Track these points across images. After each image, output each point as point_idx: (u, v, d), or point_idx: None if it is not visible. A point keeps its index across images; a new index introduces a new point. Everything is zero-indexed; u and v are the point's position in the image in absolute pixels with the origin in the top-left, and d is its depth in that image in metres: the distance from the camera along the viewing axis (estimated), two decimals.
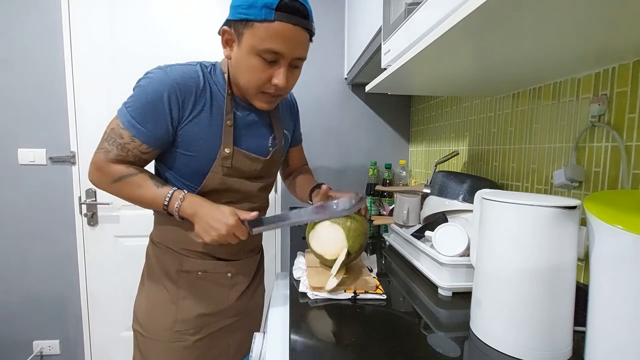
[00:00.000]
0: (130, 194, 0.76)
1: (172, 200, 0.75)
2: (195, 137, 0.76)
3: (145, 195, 0.76)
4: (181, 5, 1.62)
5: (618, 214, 0.46)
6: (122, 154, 0.74)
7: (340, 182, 1.75)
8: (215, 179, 0.80)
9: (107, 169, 0.74)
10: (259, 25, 0.67)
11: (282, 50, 0.70)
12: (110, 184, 0.76)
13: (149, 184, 0.76)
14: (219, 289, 0.87)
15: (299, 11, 0.69)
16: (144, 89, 0.73)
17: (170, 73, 0.73)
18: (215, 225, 0.72)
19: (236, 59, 0.74)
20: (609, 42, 0.56)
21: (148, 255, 0.90)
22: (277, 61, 0.72)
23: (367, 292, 0.76)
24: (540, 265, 0.52)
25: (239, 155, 0.80)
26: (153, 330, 0.84)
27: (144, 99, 0.72)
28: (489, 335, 0.57)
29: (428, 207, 0.97)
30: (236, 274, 0.89)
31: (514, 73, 0.78)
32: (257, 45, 0.69)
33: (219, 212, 0.73)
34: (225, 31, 0.74)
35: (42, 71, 1.57)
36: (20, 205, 1.61)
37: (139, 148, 0.74)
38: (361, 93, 1.73)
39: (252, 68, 0.72)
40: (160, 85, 0.72)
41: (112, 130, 0.74)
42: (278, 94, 0.77)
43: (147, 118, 0.72)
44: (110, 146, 0.74)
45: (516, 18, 0.45)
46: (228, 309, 0.89)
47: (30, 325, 1.68)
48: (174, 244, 0.85)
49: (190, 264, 0.84)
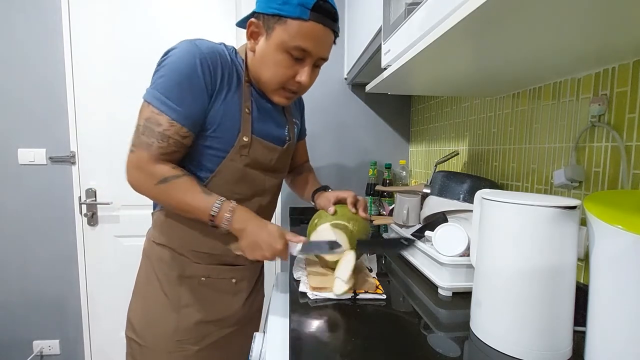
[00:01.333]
0: (174, 198, 0.71)
1: (221, 211, 0.70)
2: (220, 117, 0.73)
3: (192, 201, 0.70)
4: (181, 5, 1.62)
5: (618, 214, 0.46)
6: (163, 144, 0.68)
7: (340, 182, 1.75)
8: (231, 167, 0.77)
9: (151, 168, 0.69)
10: (292, 22, 0.68)
11: (311, 49, 0.71)
12: (155, 186, 0.70)
13: (196, 189, 0.71)
14: (223, 296, 0.84)
15: (331, 14, 0.71)
16: (174, 65, 0.68)
17: (199, 45, 0.70)
18: (263, 246, 0.70)
19: (262, 53, 0.73)
20: (609, 42, 0.56)
21: (147, 258, 0.85)
22: (303, 59, 0.73)
23: (367, 292, 0.76)
24: (540, 265, 0.52)
25: (257, 144, 0.78)
26: (151, 339, 0.80)
27: (177, 76, 0.67)
28: (489, 335, 0.57)
29: (428, 207, 0.97)
30: (240, 280, 0.86)
31: (514, 73, 0.78)
32: (288, 42, 0.69)
33: (268, 234, 0.71)
34: (252, 23, 0.73)
35: (42, 71, 1.57)
36: (20, 205, 1.62)
37: (179, 132, 0.69)
38: (361, 93, 1.73)
39: (278, 63, 0.72)
40: (193, 58, 0.68)
41: (147, 120, 0.68)
42: (297, 92, 0.78)
43: (184, 96, 0.68)
44: (150, 139, 0.68)
45: (516, 18, 0.45)
46: (230, 317, 0.86)
47: (30, 325, 1.68)
48: (178, 245, 0.80)
49: (193, 269, 0.81)
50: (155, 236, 0.83)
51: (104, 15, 1.57)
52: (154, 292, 0.82)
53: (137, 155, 0.69)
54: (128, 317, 0.85)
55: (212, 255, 0.81)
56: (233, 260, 0.84)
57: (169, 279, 0.81)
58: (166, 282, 0.81)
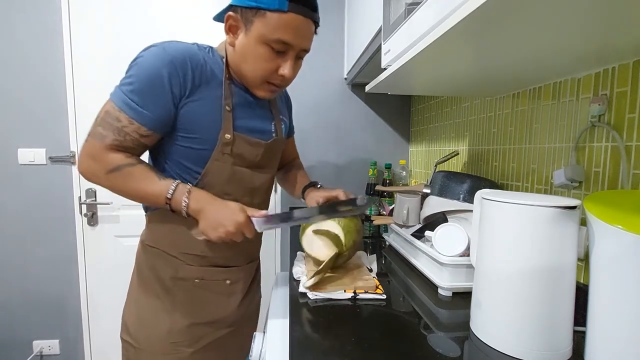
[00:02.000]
0: (127, 187, 0.70)
1: (176, 194, 0.70)
2: (196, 117, 0.72)
3: (146, 188, 0.70)
4: (181, 6, 1.62)
5: (618, 214, 0.46)
6: (119, 138, 0.67)
7: (340, 182, 1.75)
8: (218, 167, 0.76)
9: (103, 157, 0.68)
10: (272, 15, 0.66)
11: (292, 41, 0.70)
12: (106, 175, 0.69)
13: (150, 175, 0.70)
14: (217, 298, 0.83)
15: (310, 3, 0.69)
16: (141, 67, 0.68)
17: (167, 49, 0.69)
18: (223, 222, 0.69)
19: (242, 47, 0.72)
20: (609, 42, 0.56)
21: (139, 259, 0.84)
22: (285, 52, 0.71)
23: (367, 292, 0.76)
24: (540, 265, 0.52)
25: (239, 141, 0.77)
26: (145, 341, 0.79)
27: (142, 78, 0.67)
28: (489, 335, 0.57)
29: (428, 207, 0.97)
30: (235, 281, 0.85)
31: (514, 73, 0.78)
32: (268, 35, 0.68)
33: (227, 209, 0.71)
34: (230, 17, 0.71)
35: (42, 71, 1.57)
36: (20, 205, 1.61)
37: (138, 131, 0.68)
38: (361, 93, 1.73)
39: (259, 57, 0.71)
40: (159, 62, 0.67)
41: (106, 113, 0.68)
42: (281, 85, 0.77)
43: (147, 98, 0.67)
44: (106, 131, 0.67)
45: (516, 18, 0.45)
46: (225, 319, 0.85)
47: (30, 325, 1.68)
48: (169, 247, 0.79)
49: (186, 271, 0.79)
50: (148, 238, 0.83)
51: (104, 15, 1.57)
52: (147, 294, 0.81)
53: (90, 144, 0.68)
54: (123, 320, 0.85)
55: (204, 257, 0.81)
56: (227, 261, 0.84)
57: (162, 281, 0.80)
58: (159, 284, 0.80)
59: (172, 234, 0.79)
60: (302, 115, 1.70)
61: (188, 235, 0.78)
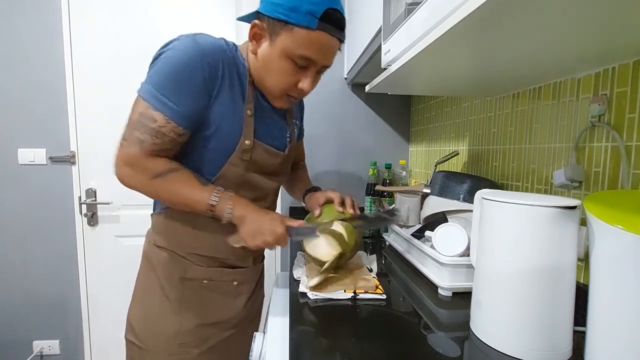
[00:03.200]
0: (170, 193, 0.69)
1: (221, 200, 0.69)
2: (217, 116, 0.70)
3: (189, 194, 0.68)
4: (181, 6, 1.62)
5: (618, 214, 0.46)
6: (157, 141, 0.65)
7: (340, 182, 1.75)
8: (232, 172, 0.75)
9: (144, 163, 0.66)
10: (299, 31, 0.65)
11: (316, 58, 0.69)
12: (149, 182, 0.67)
13: (193, 181, 0.69)
14: (224, 298, 0.83)
15: (340, 22, 0.68)
16: (172, 61, 0.65)
17: (200, 41, 0.67)
18: (264, 232, 0.69)
19: (265, 57, 0.71)
20: (609, 42, 0.56)
21: (147, 260, 0.83)
22: (307, 67, 0.71)
23: (367, 292, 0.76)
24: (540, 265, 0.52)
25: (259, 149, 0.76)
26: (152, 342, 0.79)
27: (174, 73, 0.64)
28: (489, 335, 0.57)
29: (428, 207, 0.97)
30: (242, 282, 0.85)
31: (514, 73, 0.78)
32: (293, 50, 0.67)
33: (269, 220, 0.70)
34: (256, 25, 0.69)
35: (42, 71, 1.57)
36: (20, 205, 1.62)
37: (175, 130, 0.66)
38: (361, 93, 1.73)
39: (282, 71, 0.70)
40: (193, 54, 0.65)
41: (140, 115, 0.65)
42: (299, 97, 0.77)
43: (182, 93, 0.65)
44: (143, 134, 0.65)
45: (516, 18, 0.45)
46: (231, 319, 0.85)
47: (30, 325, 1.68)
48: (178, 247, 0.79)
49: (195, 272, 0.79)
50: (156, 239, 0.82)
51: (104, 15, 1.57)
52: (155, 294, 0.80)
53: (128, 150, 0.66)
54: (128, 320, 0.84)
55: (213, 258, 0.81)
56: (235, 262, 0.84)
57: (170, 282, 0.80)
58: (168, 284, 0.80)
59: (181, 234, 0.79)
60: None
61: (196, 236, 0.78)
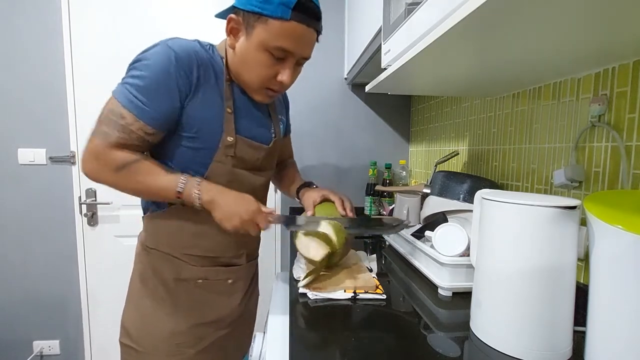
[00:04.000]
0: (136, 183, 0.69)
1: (187, 187, 0.69)
2: (198, 117, 0.72)
3: (155, 182, 0.69)
4: (181, 6, 1.62)
5: (618, 214, 0.46)
6: (124, 136, 0.66)
7: (340, 182, 1.75)
8: (220, 169, 0.75)
9: (108, 155, 0.67)
10: (274, 22, 0.66)
11: (293, 49, 0.69)
12: (113, 174, 0.68)
13: (158, 169, 0.69)
14: (218, 297, 0.83)
15: (314, 12, 0.69)
16: (146, 64, 0.67)
17: (172, 46, 0.68)
18: (238, 210, 0.70)
19: (242, 52, 0.71)
20: (609, 42, 0.56)
21: (140, 262, 0.83)
22: (284, 59, 0.71)
23: (367, 292, 0.76)
24: (540, 265, 0.52)
25: (242, 144, 0.77)
26: (149, 344, 0.79)
27: (148, 75, 0.66)
28: (489, 335, 0.57)
29: (428, 207, 0.97)
30: (236, 280, 0.85)
31: (514, 73, 0.78)
32: (269, 42, 0.68)
33: (240, 198, 0.72)
34: (232, 19, 0.70)
35: (42, 71, 1.57)
36: (20, 205, 1.62)
37: (143, 129, 0.67)
38: (361, 93, 1.73)
39: (259, 63, 0.71)
40: (165, 59, 0.67)
41: (110, 111, 0.66)
42: (280, 90, 0.77)
43: (153, 96, 0.66)
44: (110, 129, 0.66)
45: (516, 18, 0.45)
46: (226, 318, 0.85)
47: (30, 325, 1.68)
48: (171, 248, 0.79)
49: (189, 272, 0.79)
50: (148, 240, 0.82)
51: (104, 15, 1.58)
52: (149, 296, 0.80)
53: (95, 142, 0.67)
54: (122, 324, 0.84)
55: (207, 257, 0.81)
56: (229, 260, 0.84)
57: (164, 283, 0.80)
58: (162, 285, 0.80)
59: (173, 235, 0.79)
60: (302, 115, 1.70)
61: (189, 237, 0.79)
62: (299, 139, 1.67)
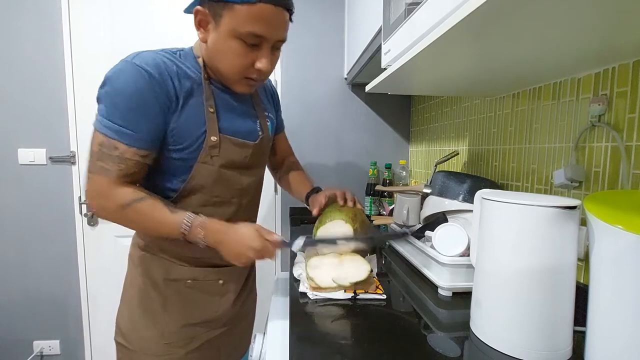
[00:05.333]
0: (140, 222, 0.69)
1: (192, 228, 0.69)
2: (183, 127, 0.70)
3: (159, 223, 0.69)
4: (181, 6, 1.62)
5: (618, 214, 0.46)
6: (122, 166, 0.66)
7: (340, 182, 1.75)
8: (205, 170, 0.74)
9: (112, 193, 0.66)
10: (240, 8, 0.63)
11: (265, 34, 0.66)
12: (117, 211, 0.67)
13: (162, 209, 0.69)
14: (209, 298, 0.83)
15: None
16: (119, 92, 0.65)
17: (140, 63, 0.66)
18: (243, 251, 0.69)
19: (214, 43, 0.68)
20: (609, 42, 0.56)
21: (132, 262, 0.83)
22: (259, 44, 0.68)
23: (367, 292, 0.76)
24: (540, 265, 0.52)
25: (226, 143, 0.75)
26: (139, 343, 0.79)
27: (124, 102, 0.64)
28: (489, 335, 0.57)
29: (428, 207, 0.97)
30: (227, 281, 0.84)
31: (514, 73, 0.78)
32: (239, 29, 0.64)
33: (243, 237, 0.70)
34: (198, 11, 0.67)
35: (42, 71, 1.57)
36: (20, 205, 1.62)
37: (138, 153, 0.67)
38: (361, 93, 1.73)
39: (233, 52, 0.68)
40: (138, 80, 0.65)
41: (100, 145, 0.65)
42: (260, 79, 0.74)
43: (135, 120, 0.65)
44: (107, 163, 0.65)
45: (516, 18, 0.45)
46: (218, 319, 0.84)
47: (30, 325, 1.68)
48: (162, 249, 0.79)
49: (179, 272, 0.79)
50: (139, 241, 0.82)
51: (104, 15, 1.57)
52: (140, 296, 0.81)
53: (96, 181, 0.66)
54: (116, 322, 0.84)
55: (197, 258, 0.80)
56: (219, 261, 0.82)
57: (154, 283, 0.80)
58: (152, 285, 0.80)
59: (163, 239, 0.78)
60: (302, 115, 1.70)
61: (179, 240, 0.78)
62: (298, 138, 1.67)
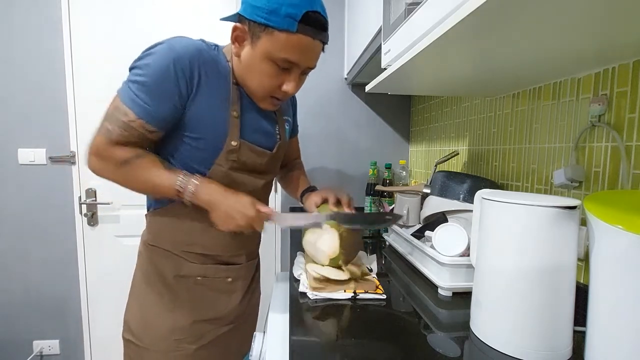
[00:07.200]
0: (138, 179, 0.71)
1: (187, 185, 0.70)
2: (201, 117, 0.72)
3: (156, 178, 0.70)
4: (182, 5, 1.62)
5: (618, 214, 0.46)
6: (125, 133, 0.68)
7: (340, 182, 1.75)
8: (219, 172, 0.76)
9: (110, 152, 0.68)
10: (280, 34, 0.66)
11: (298, 61, 0.70)
12: (116, 169, 0.69)
13: (159, 165, 0.71)
14: (218, 295, 0.84)
15: (321, 24, 0.68)
16: (149, 64, 0.68)
17: (175, 45, 0.68)
18: (234, 214, 0.70)
19: (247, 60, 0.72)
20: (609, 42, 0.56)
21: (141, 259, 0.85)
22: (289, 69, 0.72)
23: (367, 292, 0.76)
24: (540, 265, 0.52)
25: (245, 149, 0.77)
26: (149, 339, 0.80)
27: (150, 75, 0.67)
28: (489, 335, 0.57)
29: (428, 207, 0.97)
30: (236, 279, 0.86)
31: (514, 73, 0.78)
32: (275, 53, 0.68)
33: (238, 202, 0.71)
34: (237, 28, 0.70)
35: (42, 71, 1.57)
36: (20, 205, 1.61)
37: (144, 127, 0.69)
38: (361, 93, 1.73)
39: (264, 73, 0.71)
40: (167, 59, 0.67)
41: (115, 108, 0.68)
42: (284, 99, 0.77)
43: (154, 96, 0.67)
44: (112, 125, 0.68)
45: (516, 18, 0.45)
46: (227, 316, 0.86)
47: (30, 325, 1.68)
48: (171, 245, 0.80)
49: (189, 269, 0.80)
50: (149, 238, 0.83)
51: (104, 15, 1.57)
52: (150, 292, 0.82)
53: (98, 140, 0.69)
54: (125, 319, 0.85)
55: (207, 255, 0.82)
56: (228, 259, 0.85)
57: (164, 280, 0.81)
58: (162, 282, 0.81)
59: (174, 232, 0.80)
60: (302, 115, 1.70)
61: (189, 234, 0.79)
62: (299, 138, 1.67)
